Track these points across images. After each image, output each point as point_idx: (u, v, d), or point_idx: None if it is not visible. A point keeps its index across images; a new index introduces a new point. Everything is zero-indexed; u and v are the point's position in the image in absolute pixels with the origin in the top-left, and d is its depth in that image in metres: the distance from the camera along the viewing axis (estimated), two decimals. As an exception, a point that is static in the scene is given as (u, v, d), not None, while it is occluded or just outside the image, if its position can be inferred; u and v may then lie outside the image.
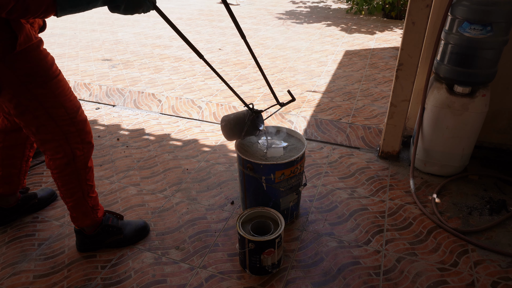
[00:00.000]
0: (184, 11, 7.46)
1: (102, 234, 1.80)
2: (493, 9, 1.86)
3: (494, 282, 1.66)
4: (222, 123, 1.88)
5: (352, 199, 2.17)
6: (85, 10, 1.22)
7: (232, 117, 1.87)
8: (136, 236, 1.88)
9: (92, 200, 1.71)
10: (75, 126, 1.52)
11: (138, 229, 1.89)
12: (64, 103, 1.46)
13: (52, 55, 1.46)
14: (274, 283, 1.66)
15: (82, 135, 1.55)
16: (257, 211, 1.75)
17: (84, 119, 1.56)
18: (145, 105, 3.41)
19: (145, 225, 1.93)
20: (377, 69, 4.13)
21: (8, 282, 1.68)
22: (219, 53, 4.77)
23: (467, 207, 2.10)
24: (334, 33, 5.66)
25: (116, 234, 1.82)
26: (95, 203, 1.73)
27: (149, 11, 1.30)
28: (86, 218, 1.72)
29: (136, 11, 1.27)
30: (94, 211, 1.73)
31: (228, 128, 1.86)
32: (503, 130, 2.45)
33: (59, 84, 1.44)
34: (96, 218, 1.75)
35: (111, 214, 1.87)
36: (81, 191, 1.64)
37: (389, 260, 1.77)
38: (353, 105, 3.26)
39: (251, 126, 1.82)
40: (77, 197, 1.65)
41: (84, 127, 1.56)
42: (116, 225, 1.82)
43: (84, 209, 1.69)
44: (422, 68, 2.38)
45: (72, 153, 1.54)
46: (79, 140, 1.55)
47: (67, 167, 1.56)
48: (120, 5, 1.23)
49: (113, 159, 2.59)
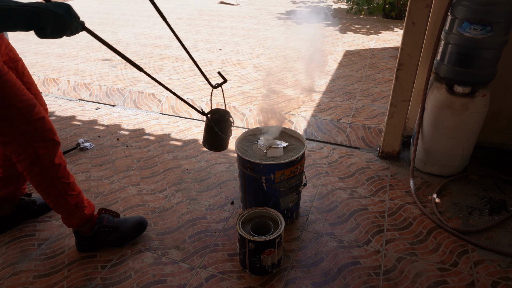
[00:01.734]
0: (184, 11, 7.46)
1: (99, 235, 1.79)
2: (493, 9, 1.86)
3: (494, 282, 1.66)
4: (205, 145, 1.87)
5: (352, 199, 2.17)
6: (5, 31, 1.17)
7: (205, 135, 1.85)
8: (133, 232, 1.87)
9: (74, 198, 1.67)
10: (32, 125, 1.48)
11: (135, 225, 1.87)
12: (15, 103, 1.42)
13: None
14: (274, 283, 1.66)
15: (42, 133, 1.51)
16: (257, 211, 1.75)
17: (42, 117, 1.51)
18: (145, 105, 3.41)
19: (142, 220, 1.91)
20: (377, 69, 4.13)
21: (8, 282, 1.68)
22: (219, 53, 4.77)
23: (467, 207, 2.10)
24: (334, 33, 5.66)
25: (113, 233, 1.82)
26: (78, 200, 1.69)
27: (78, 31, 1.26)
28: (72, 216, 1.69)
29: (64, 33, 1.22)
30: (79, 209, 1.70)
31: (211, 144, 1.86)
32: (503, 130, 2.44)
33: (6, 84, 1.40)
34: (83, 216, 1.72)
35: (106, 213, 1.86)
36: (57, 190, 1.61)
37: (389, 260, 1.77)
38: (353, 105, 3.26)
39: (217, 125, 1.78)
40: (55, 196, 1.62)
41: (43, 125, 1.52)
42: (111, 225, 1.81)
43: (66, 208, 1.66)
44: (422, 68, 2.38)
45: (34, 153, 1.50)
46: (40, 138, 1.51)
47: (34, 167, 1.53)
48: (45, 28, 1.17)
49: (113, 159, 2.59)
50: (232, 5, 8.07)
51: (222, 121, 1.81)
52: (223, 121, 1.81)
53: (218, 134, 1.78)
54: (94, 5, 8.19)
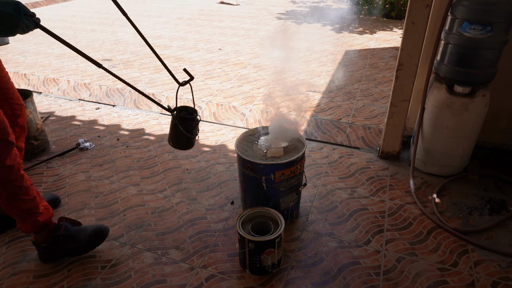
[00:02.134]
0: (184, 11, 7.46)
1: (55, 244, 1.71)
2: (493, 9, 1.86)
3: (494, 282, 1.66)
4: (170, 143, 1.81)
5: (352, 199, 2.17)
6: None
7: (170, 133, 1.79)
8: (91, 241, 1.77)
9: (27, 203, 1.59)
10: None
11: (93, 234, 1.78)
12: None
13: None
14: (274, 283, 1.66)
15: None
16: (257, 211, 1.75)
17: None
18: (145, 105, 3.41)
19: (102, 228, 1.80)
20: (377, 69, 4.13)
21: (8, 282, 1.68)
22: (219, 53, 4.77)
23: (467, 207, 2.10)
24: (334, 33, 5.66)
25: (70, 242, 1.73)
26: (33, 206, 1.61)
27: (31, 29, 1.23)
28: (25, 222, 1.62)
29: (15, 31, 1.19)
30: (33, 215, 1.62)
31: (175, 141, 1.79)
32: (503, 130, 2.44)
33: None
34: (36, 222, 1.63)
35: (66, 221, 1.77)
36: (7, 192, 1.53)
37: (389, 260, 1.77)
38: (353, 105, 3.26)
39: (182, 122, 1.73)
40: (4, 199, 1.54)
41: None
42: (68, 234, 1.72)
43: (18, 213, 1.59)
44: (422, 68, 2.38)
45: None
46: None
47: None
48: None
49: (113, 159, 2.59)
50: (232, 5, 8.07)
51: (188, 120, 1.74)
52: (189, 119, 1.74)
53: (182, 133, 1.72)
54: (94, 5, 8.19)
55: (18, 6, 1.17)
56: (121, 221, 2.03)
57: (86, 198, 2.21)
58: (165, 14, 7.21)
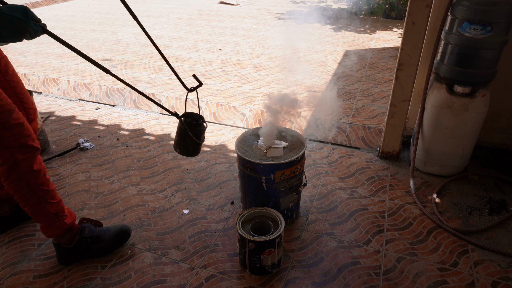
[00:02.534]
0: (184, 11, 7.46)
1: (81, 246, 1.73)
2: (493, 9, 1.86)
3: (494, 282, 1.66)
4: (177, 149, 1.80)
5: (352, 199, 2.17)
6: None
7: (176, 139, 1.79)
8: (117, 241, 1.81)
9: (54, 206, 1.61)
10: (9, 131, 1.43)
11: (117, 234, 1.82)
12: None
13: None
14: (274, 283, 1.66)
15: (20, 139, 1.46)
16: (257, 211, 1.75)
17: (20, 122, 1.47)
18: (145, 105, 3.41)
19: (125, 228, 1.85)
20: (377, 69, 4.13)
21: (8, 282, 1.68)
22: (219, 53, 4.77)
23: (467, 207, 2.10)
24: (334, 33, 5.66)
25: (95, 243, 1.76)
26: (59, 209, 1.64)
27: (38, 34, 1.22)
28: (52, 226, 1.64)
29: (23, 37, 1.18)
30: (59, 217, 1.64)
31: (183, 148, 1.78)
32: (503, 130, 2.44)
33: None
34: (64, 225, 1.66)
35: (88, 222, 1.80)
36: (36, 197, 1.55)
37: (389, 260, 1.77)
38: (353, 105, 3.26)
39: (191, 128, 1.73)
40: (33, 204, 1.56)
41: (21, 130, 1.47)
42: (93, 234, 1.75)
43: (46, 217, 1.61)
44: (422, 68, 2.37)
45: (12, 158, 1.45)
46: (17, 144, 1.46)
47: (11, 173, 1.48)
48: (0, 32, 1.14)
49: (113, 159, 2.59)
50: (232, 5, 8.07)
51: (196, 126, 1.74)
52: (197, 125, 1.75)
53: (191, 139, 1.71)
54: (94, 5, 8.19)
55: (26, 11, 1.16)
56: (121, 221, 2.03)
57: (86, 198, 2.21)
58: (165, 14, 7.21)
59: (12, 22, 1.14)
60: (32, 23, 1.17)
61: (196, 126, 1.75)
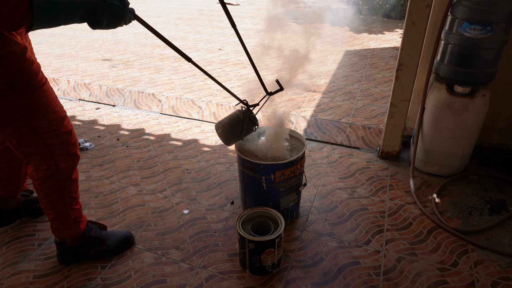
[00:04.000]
0: (184, 11, 7.46)
1: (85, 246, 1.73)
2: (493, 9, 1.86)
3: (494, 282, 1.66)
4: (218, 130, 1.81)
5: (352, 199, 2.17)
6: (61, 24, 1.13)
7: (226, 121, 1.80)
8: (120, 247, 1.81)
9: (75, 211, 1.63)
10: (59, 138, 1.44)
11: (122, 240, 1.82)
12: (47, 115, 1.38)
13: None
14: (274, 283, 1.66)
15: (67, 147, 1.48)
16: (257, 211, 1.75)
17: (69, 130, 1.48)
18: (145, 105, 3.41)
19: (129, 235, 1.86)
20: (377, 69, 4.13)
21: (8, 282, 1.68)
22: (219, 53, 4.77)
23: (467, 207, 2.10)
24: (334, 33, 5.66)
25: (99, 245, 1.76)
26: (78, 214, 1.66)
27: (131, 21, 1.24)
28: (68, 230, 1.65)
29: (119, 24, 1.20)
30: (77, 223, 1.66)
31: (226, 133, 1.80)
32: (503, 130, 2.44)
33: (43, 94, 1.35)
34: (78, 230, 1.68)
35: (94, 224, 1.80)
36: (63, 203, 1.57)
37: (389, 260, 1.77)
38: (353, 105, 3.26)
39: (249, 123, 1.77)
40: (59, 209, 1.58)
41: (69, 138, 1.48)
42: (99, 236, 1.75)
43: (66, 221, 1.62)
44: (422, 68, 2.37)
45: (56, 166, 1.47)
46: (64, 152, 1.47)
47: (50, 180, 1.49)
48: (102, 20, 1.15)
49: (113, 159, 2.59)
50: (232, 5, 8.07)
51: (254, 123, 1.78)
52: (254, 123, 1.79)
53: (242, 131, 1.75)
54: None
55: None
56: (121, 221, 2.03)
57: (86, 198, 2.21)
58: (165, 14, 7.21)
59: (113, 10, 1.15)
60: (128, 11, 1.19)
61: (253, 124, 1.79)
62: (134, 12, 1.25)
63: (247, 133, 1.81)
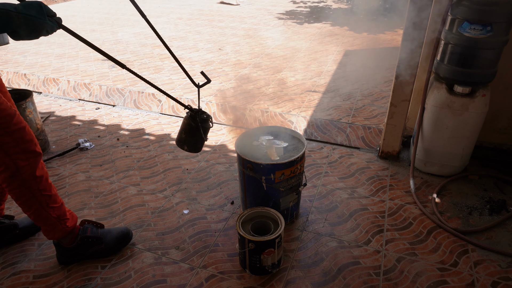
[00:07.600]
0: (184, 11, 7.45)
1: (82, 246, 1.73)
2: (493, 9, 1.86)
3: (494, 282, 1.66)
4: (184, 147, 1.79)
5: (352, 199, 2.17)
6: None
7: (184, 136, 1.78)
8: (118, 244, 1.81)
9: (56, 210, 1.60)
10: (11, 136, 1.39)
11: (119, 237, 1.82)
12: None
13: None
14: (274, 283, 1.66)
15: (22, 145, 1.43)
16: (257, 211, 1.75)
17: (22, 127, 1.43)
18: (145, 105, 3.41)
19: (126, 231, 1.85)
20: (377, 69, 4.13)
21: (8, 282, 1.68)
22: (219, 53, 4.77)
23: (467, 207, 2.10)
24: (334, 33, 5.66)
25: (97, 244, 1.76)
26: (61, 213, 1.62)
27: (55, 30, 1.21)
28: (55, 229, 1.63)
29: (40, 34, 1.17)
30: (62, 221, 1.63)
31: (191, 145, 1.78)
32: (503, 130, 2.44)
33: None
34: (66, 228, 1.65)
35: (90, 224, 1.80)
36: (38, 203, 1.54)
37: (389, 260, 1.77)
38: (353, 105, 3.26)
39: (203, 124, 1.74)
40: (36, 209, 1.55)
41: (23, 135, 1.43)
42: (95, 235, 1.75)
43: (48, 221, 1.59)
44: (422, 68, 2.37)
45: (14, 165, 1.42)
46: (19, 150, 1.42)
47: (14, 180, 1.45)
48: (18, 31, 1.12)
49: (113, 159, 2.59)
50: (232, 5, 8.07)
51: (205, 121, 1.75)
52: (206, 121, 1.76)
53: (201, 135, 1.73)
54: (94, 5, 8.19)
55: (40, 7, 1.13)
56: (121, 221, 2.03)
57: (86, 198, 2.21)
58: (165, 14, 7.20)
59: (29, 21, 1.12)
60: (48, 20, 1.16)
61: (205, 122, 1.76)
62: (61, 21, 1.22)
63: (206, 132, 1.78)
